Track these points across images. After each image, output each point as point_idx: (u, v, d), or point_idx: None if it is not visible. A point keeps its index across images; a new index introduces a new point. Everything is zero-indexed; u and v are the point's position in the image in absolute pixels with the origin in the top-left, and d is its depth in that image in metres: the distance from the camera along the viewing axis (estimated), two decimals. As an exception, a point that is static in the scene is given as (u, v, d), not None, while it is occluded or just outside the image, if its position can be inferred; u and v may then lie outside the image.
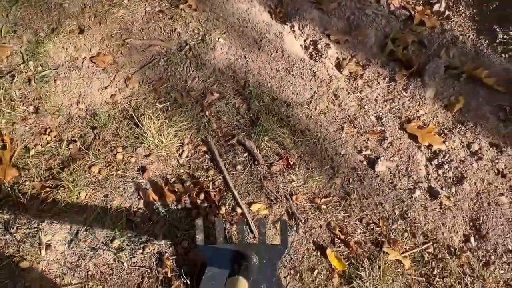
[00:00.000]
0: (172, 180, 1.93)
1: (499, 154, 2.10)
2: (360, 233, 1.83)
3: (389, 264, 1.74)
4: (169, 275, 1.73)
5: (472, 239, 1.87)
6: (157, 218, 1.84)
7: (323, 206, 1.88)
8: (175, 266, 1.74)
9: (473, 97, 2.31)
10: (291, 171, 1.95)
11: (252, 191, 1.90)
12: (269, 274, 1.54)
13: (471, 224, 1.91)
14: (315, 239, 1.80)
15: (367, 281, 1.69)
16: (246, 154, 2.00)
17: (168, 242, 1.79)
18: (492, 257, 1.81)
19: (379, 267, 1.72)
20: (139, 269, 1.74)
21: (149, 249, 1.77)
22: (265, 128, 2.02)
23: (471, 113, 2.24)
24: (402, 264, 1.76)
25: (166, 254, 1.77)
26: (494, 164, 2.07)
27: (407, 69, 2.42)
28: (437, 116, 2.23)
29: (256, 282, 1.51)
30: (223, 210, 1.85)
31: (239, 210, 1.85)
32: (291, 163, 1.97)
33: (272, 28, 2.43)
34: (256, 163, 1.96)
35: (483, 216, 1.92)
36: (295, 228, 1.82)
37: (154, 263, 1.75)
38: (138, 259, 1.76)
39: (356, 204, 1.90)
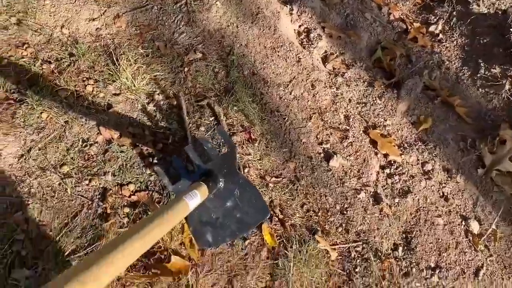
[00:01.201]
0: (135, 124, 1.96)
1: (449, 179, 2.20)
2: (298, 217, 1.91)
3: (316, 252, 1.83)
4: (108, 211, 1.77)
5: (400, 248, 1.97)
6: (110, 156, 1.87)
7: (271, 185, 1.94)
8: (116, 204, 1.79)
9: (442, 121, 2.40)
10: (251, 145, 2.01)
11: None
12: (235, 180, 1.72)
13: (403, 235, 2.01)
14: (254, 212, 1.87)
15: (291, 262, 1.78)
16: (212, 118, 2.04)
17: (116, 181, 1.84)
18: (414, 270, 1.92)
19: (306, 252, 1.81)
20: (81, 198, 1.78)
21: (96, 182, 1.81)
22: (237, 98, 2.07)
23: (434, 135, 2.33)
24: (328, 255, 1.85)
25: (111, 191, 1.81)
26: (441, 187, 2.17)
27: (387, 79, 2.48)
28: (402, 130, 2.31)
29: (227, 193, 1.71)
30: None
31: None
32: (253, 137, 2.02)
33: (271, 5, 2.45)
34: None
35: (417, 231, 2.02)
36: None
37: (97, 196, 1.80)
38: (82, 189, 1.80)
39: (302, 190, 1.98)
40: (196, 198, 1.45)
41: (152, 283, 1.66)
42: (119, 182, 1.84)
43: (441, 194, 2.16)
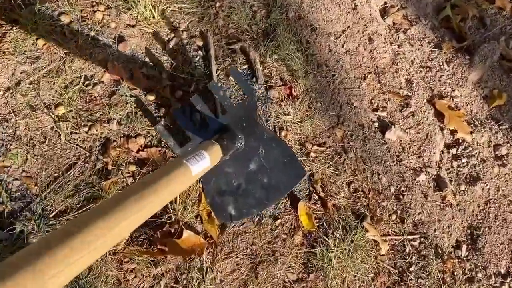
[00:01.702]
0: (150, 64, 1.58)
1: (525, 168, 1.79)
2: (343, 197, 1.53)
3: (364, 242, 1.46)
4: (110, 167, 1.42)
5: (464, 247, 1.59)
6: (118, 100, 1.51)
7: (313, 155, 1.56)
8: (120, 159, 1.43)
9: (519, 99, 1.97)
10: (291, 103, 1.62)
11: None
12: (258, 136, 1.40)
13: (468, 231, 1.62)
14: (290, 186, 1.50)
15: (333, 252, 1.41)
16: (246, 66, 1.65)
17: (122, 132, 1.48)
18: (479, 275, 1.54)
19: (352, 241, 1.44)
20: (77, 148, 1.43)
21: (97, 130, 1.45)
22: (278, 45, 1.66)
23: (510, 114, 1.91)
24: (378, 248, 1.48)
25: (114, 143, 1.45)
26: (516, 177, 1.76)
27: (458, 41, 2.05)
28: (472, 104, 1.90)
29: (250, 151, 1.39)
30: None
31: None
32: (294, 94, 1.63)
33: None
34: (254, 79, 1.62)
35: (485, 228, 1.63)
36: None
37: (97, 148, 1.44)
38: (79, 138, 1.44)
39: (350, 165, 1.60)
40: (203, 161, 1.06)
41: (156, 262, 1.31)
42: (126, 133, 1.47)
43: (516, 185, 1.75)
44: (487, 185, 1.71)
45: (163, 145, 1.48)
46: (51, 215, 1.31)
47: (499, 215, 1.67)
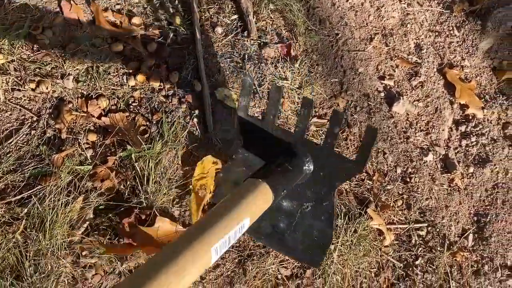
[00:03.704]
0: (117, 8, 1.26)
1: (533, 150, 1.64)
2: (346, 179, 1.31)
3: (367, 232, 1.26)
4: (64, 135, 1.12)
5: (470, 237, 1.43)
6: (74, 51, 1.19)
7: (313, 128, 1.33)
8: (76, 127, 1.14)
9: (529, 72, 1.79)
10: (289, 65, 1.35)
11: (225, 69, 1.30)
12: (321, 195, 1.02)
13: (475, 218, 1.46)
14: (286, 165, 1.26)
15: (333, 244, 1.21)
16: (235, 16, 1.36)
17: (80, 91, 1.17)
18: (486, 267, 1.40)
19: (355, 231, 1.24)
20: (20, 110, 1.12)
21: (47, 88, 1.14)
22: (275, -7, 1.38)
23: (520, 89, 1.74)
24: (382, 238, 1.29)
25: (70, 105, 1.15)
26: (523, 158, 1.61)
27: (470, 4, 1.82)
28: (481, 76, 1.70)
29: (298, 195, 1.02)
30: (174, 78, 1.24)
31: (197, 87, 1.25)
32: (293, 54, 1.36)
33: None
34: (245, 34, 1.34)
35: (492, 215, 1.48)
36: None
37: (48, 111, 1.14)
38: (25, 96, 1.13)
39: (353, 141, 1.37)
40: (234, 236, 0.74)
41: (122, 256, 1.06)
42: (85, 93, 1.17)
43: (524, 168, 1.60)
44: (496, 167, 1.54)
45: (131, 110, 1.19)
46: (-16, 197, 1.02)
47: (507, 201, 1.51)
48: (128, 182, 1.12)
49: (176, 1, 1.32)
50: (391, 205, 1.34)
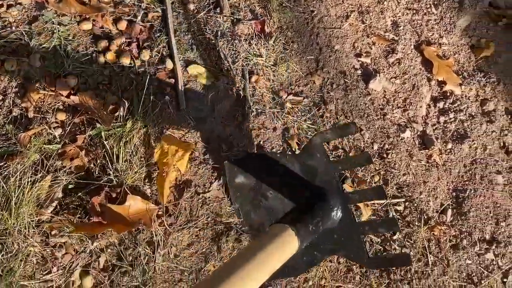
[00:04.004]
0: (86, -16, 1.23)
1: (511, 125, 1.64)
2: (322, 155, 1.30)
3: (344, 208, 1.25)
4: (31, 114, 1.10)
5: (449, 212, 1.43)
6: (41, 28, 1.16)
7: (288, 105, 1.31)
8: (44, 106, 1.11)
9: (507, 49, 1.79)
10: (263, 42, 1.34)
11: (198, 46, 1.28)
12: (352, 242, 0.96)
13: (453, 194, 1.46)
14: (261, 142, 1.25)
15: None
16: (207, -9, 1.34)
17: (47, 69, 1.15)
18: (464, 242, 1.40)
19: (331, 207, 1.23)
20: (-16, 89, 1.09)
21: (13, 66, 1.11)
22: (248, -31, 1.36)
23: (498, 67, 1.73)
24: (359, 213, 1.28)
25: (37, 84, 1.12)
26: (502, 134, 1.61)
27: (447, -18, 1.81)
28: (460, 53, 1.70)
29: (327, 240, 0.95)
30: (145, 55, 1.22)
31: (169, 65, 1.23)
32: (267, 31, 1.35)
33: None
34: (217, 10, 1.32)
35: (470, 190, 1.48)
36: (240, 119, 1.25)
37: (13, 90, 1.11)
38: (-11, 75, 1.10)
39: (330, 118, 1.36)
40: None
41: (93, 235, 1.04)
42: (52, 71, 1.14)
43: (502, 144, 1.60)
44: (474, 143, 1.54)
45: (101, 88, 1.17)
46: None
47: (485, 176, 1.51)
48: (98, 161, 1.10)
49: (147, -22, 1.30)
50: (368, 180, 1.33)
